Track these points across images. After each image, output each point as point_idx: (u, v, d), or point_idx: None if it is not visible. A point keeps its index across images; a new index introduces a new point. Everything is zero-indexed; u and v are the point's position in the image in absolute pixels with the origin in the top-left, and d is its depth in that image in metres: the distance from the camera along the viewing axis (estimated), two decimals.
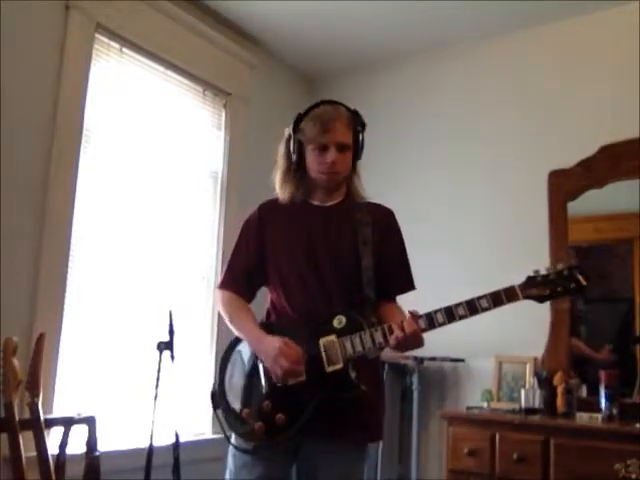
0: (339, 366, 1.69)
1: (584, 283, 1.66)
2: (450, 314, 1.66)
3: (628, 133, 3.08)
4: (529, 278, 1.67)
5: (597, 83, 3.26)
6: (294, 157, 1.85)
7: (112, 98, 2.97)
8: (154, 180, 3.16)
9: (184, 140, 3.34)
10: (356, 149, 1.87)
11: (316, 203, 1.90)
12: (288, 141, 1.88)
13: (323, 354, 1.70)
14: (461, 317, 1.65)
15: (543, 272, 1.67)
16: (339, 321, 1.72)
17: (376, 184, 3.63)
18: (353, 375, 1.69)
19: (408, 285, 1.92)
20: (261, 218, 1.93)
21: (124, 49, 3.03)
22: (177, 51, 3.24)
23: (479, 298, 1.65)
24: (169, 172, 3.25)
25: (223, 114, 3.59)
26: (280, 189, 1.90)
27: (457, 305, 1.66)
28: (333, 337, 1.71)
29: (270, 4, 3.36)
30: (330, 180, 1.85)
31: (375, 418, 1.83)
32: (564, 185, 3.23)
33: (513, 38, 3.55)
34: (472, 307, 1.65)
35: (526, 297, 1.66)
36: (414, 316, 1.67)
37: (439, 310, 1.68)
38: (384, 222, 1.91)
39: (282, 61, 4.01)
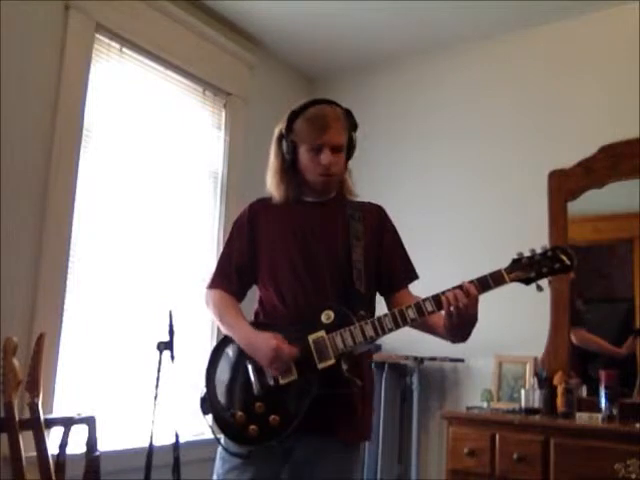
0: (331, 362, 1.65)
1: (568, 262, 1.65)
2: (438, 302, 1.65)
3: (628, 133, 3.08)
4: (514, 261, 1.67)
5: (597, 83, 3.27)
6: (287, 157, 1.82)
7: (112, 98, 2.97)
8: (154, 180, 3.17)
9: (184, 140, 3.34)
10: (349, 148, 1.84)
11: (308, 200, 1.87)
12: (280, 140, 1.84)
13: (313, 351, 1.67)
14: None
15: (528, 254, 1.67)
16: (327, 316, 1.69)
17: (376, 184, 3.66)
18: (345, 370, 1.66)
19: (411, 275, 1.90)
20: (252, 216, 1.91)
21: (124, 49, 3.03)
22: (177, 51, 3.25)
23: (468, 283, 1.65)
24: (169, 172, 3.25)
25: (223, 114, 3.59)
26: (273, 189, 1.87)
27: (444, 292, 1.65)
28: (322, 333, 1.67)
29: (270, 4, 3.36)
30: (325, 182, 1.82)
31: (365, 417, 1.80)
32: (564, 185, 3.23)
33: (513, 38, 3.55)
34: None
35: (513, 280, 1.66)
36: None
37: (427, 299, 1.67)
38: (377, 219, 1.90)
39: (282, 61, 4.01)
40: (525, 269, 1.66)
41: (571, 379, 2.94)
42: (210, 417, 1.78)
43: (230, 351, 1.80)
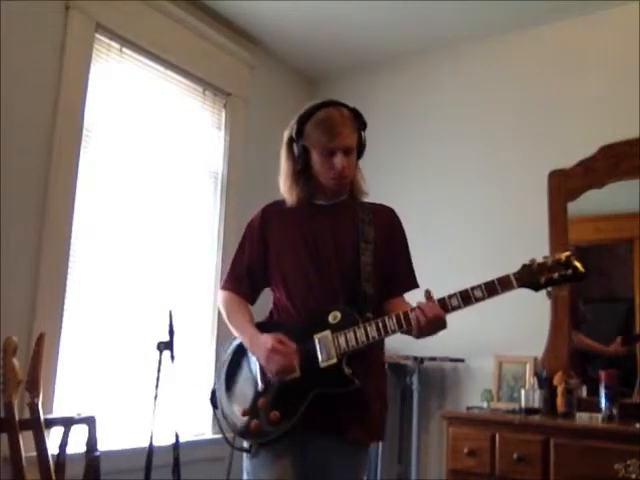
0: (333, 361, 1.69)
1: (582, 270, 1.62)
2: (444, 305, 1.66)
3: (628, 133, 3.08)
4: (524, 266, 1.66)
5: (597, 83, 3.27)
6: (299, 161, 1.83)
7: (112, 98, 2.97)
8: (154, 180, 3.16)
9: (184, 140, 3.34)
10: (359, 147, 1.88)
11: (320, 202, 1.90)
12: (290, 144, 1.86)
13: (318, 350, 1.71)
14: (454, 308, 1.66)
15: (539, 260, 1.66)
16: (334, 317, 1.73)
17: (377, 184, 3.63)
18: (347, 370, 1.69)
19: (411, 283, 1.92)
20: (264, 220, 1.94)
21: (124, 49, 3.03)
22: (177, 51, 3.24)
23: (473, 288, 1.65)
24: (169, 172, 3.25)
25: (223, 114, 3.59)
26: (287, 193, 1.89)
27: (450, 296, 1.67)
28: (327, 332, 1.71)
29: (270, 4, 3.36)
30: (339, 184, 1.85)
31: (376, 417, 1.82)
32: (564, 185, 3.23)
33: (513, 38, 3.55)
34: (465, 297, 1.65)
35: (521, 286, 1.65)
36: (432, 299, 1.67)
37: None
38: (387, 222, 1.93)
39: (282, 61, 4.01)
40: (535, 275, 1.65)
41: (571, 379, 2.94)
42: (219, 412, 1.83)
43: (239, 349, 1.86)
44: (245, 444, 1.81)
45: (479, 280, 1.69)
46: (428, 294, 1.69)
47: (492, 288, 1.64)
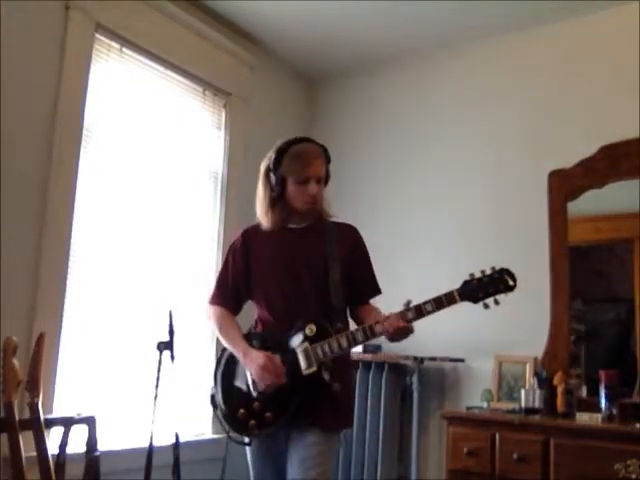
0: (313, 369, 1.97)
1: (512, 283, 1.92)
2: (403, 316, 1.92)
3: (628, 133, 3.08)
4: (465, 282, 1.94)
5: (597, 83, 3.26)
6: (277, 189, 2.09)
7: (112, 98, 2.97)
8: (154, 180, 3.17)
9: (184, 140, 3.34)
10: (325, 178, 2.15)
11: (292, 226, 2.16)
12: (267, 174, 2.12)
13: (300, 360, 1.98)
14: (411, 319, 1.93)
15: (478, 276, 1.94)
16: (310, 330, 2.00)
17: (377, 184, 3.65)
18: (326, 376, 1.98)
19: (375, 291, 2.21)
20: (245, 241, 2.20)
21: (124, 49, 3.03)
22: (177, 51, 3.25)
23: (425, 303, 1.92)
24: (169, 172, 3.25)
25: (223, 114, 3.59)
26: (263, 217, 2.14)
27: (408, 309, 1.93)
28: (307, 344, 1.99)
29: (270, 4, 3.36)
30: (311, 209, 2.12)
31: (345, 407, 2.12)
32: (564, 185, 3.23)
33: (513, 38, 3.55)
34: (419, 311, 1.92)
35: (463, 300, 1.92)
36: (396, 313, 1.94)
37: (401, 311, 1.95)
38: (350, 239, 2.20)
39: (282, 61, 4.00)
40: (474, 289, 1.93)
41: (571, 379, 2.94)
42: (219, 413, 2.08)
43: (232, 357, 2.11)
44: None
45: None
46: (396, 315, 1.93)
47: (440, 303, 1.92)
